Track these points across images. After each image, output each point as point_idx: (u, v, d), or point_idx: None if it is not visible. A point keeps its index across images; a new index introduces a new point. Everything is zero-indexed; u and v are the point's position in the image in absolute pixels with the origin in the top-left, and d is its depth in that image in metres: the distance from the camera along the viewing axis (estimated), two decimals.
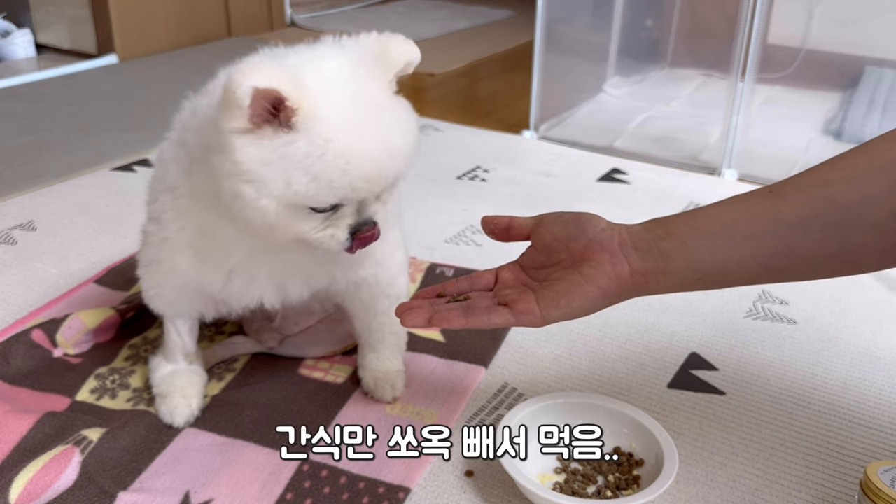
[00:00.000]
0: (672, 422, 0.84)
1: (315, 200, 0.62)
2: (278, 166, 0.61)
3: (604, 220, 0.70)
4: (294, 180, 0.61)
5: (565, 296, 0.66)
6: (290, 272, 0.74)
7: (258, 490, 0.73)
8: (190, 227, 0.71)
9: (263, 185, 0.61)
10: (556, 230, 0.70)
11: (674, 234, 0.67)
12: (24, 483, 0.71)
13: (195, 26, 2.52)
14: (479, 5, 3.15)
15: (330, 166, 0.61)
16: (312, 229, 0.65)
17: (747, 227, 0.65)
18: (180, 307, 0.81)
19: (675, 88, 2.11)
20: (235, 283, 0.73)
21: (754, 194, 0.68)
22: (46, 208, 1.33)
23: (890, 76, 1.87)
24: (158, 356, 0.86)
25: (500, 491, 0.74)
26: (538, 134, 1.78)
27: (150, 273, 0.78)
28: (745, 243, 0.65)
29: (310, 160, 0.60)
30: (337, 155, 0.61)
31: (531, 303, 0.67)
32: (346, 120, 0.62)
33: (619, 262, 0.66)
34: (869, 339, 1.00)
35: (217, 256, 0.72)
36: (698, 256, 0.66)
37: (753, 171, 1.56)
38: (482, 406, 0.86)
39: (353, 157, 0.61)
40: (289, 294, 0.76)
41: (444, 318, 0.68)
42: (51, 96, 1.97)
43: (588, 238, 0.68)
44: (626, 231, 0.69)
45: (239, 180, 0.62)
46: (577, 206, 1.37)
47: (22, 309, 1.03)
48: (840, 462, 0.79)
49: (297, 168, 0.60)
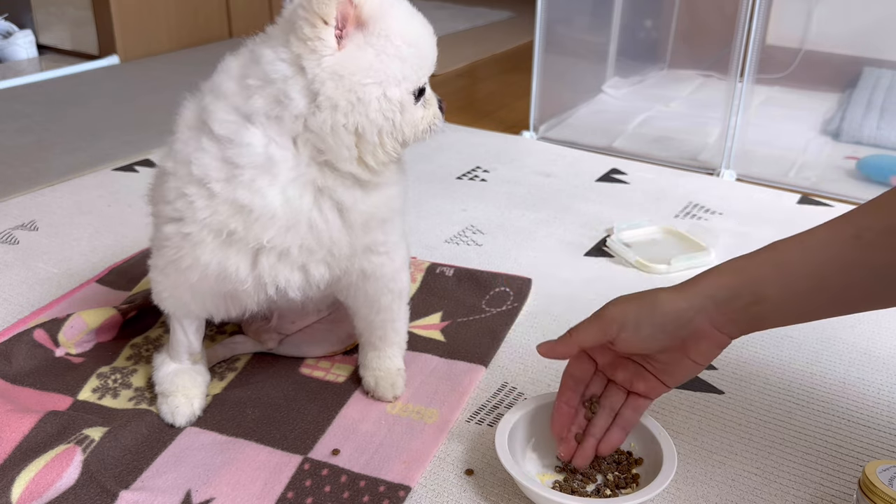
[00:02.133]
0: (671, 421, 0.84)
1: (419, 75, 0.72)
2: (389, 49, 0.69)
3: (683, 303, 0.68)
4: (404, 55, 0.69)
5: (683, 374, 0.72)
6: (319, 244, 0.74)
7: (259, 489, 0.73)
8: (223, 210, 0.71)
9: (386, 74, 0.69)
10: (645, 343, 0.70)
11: (765, 299, 0.66)
12: (25, 482, 0.71)
13: (196, 27, 2.53)
14: (478, 6, 3.15)
15: (416, 36, 0.71)
16: (422, 118, 0.74)
17: (841, 279, 0.65)
18: (194, 307, 0.80)
19: (674, 89, 2.11)
20: (263, 264, 0.73)
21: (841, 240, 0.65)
22: (48, 208, 1.34)
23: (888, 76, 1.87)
24: (163, 354, 0.87)
25: (500, 490, 0.74)
26: (538, 134, 1.78)
27: (166, 275, 0.78)
28: (840, 294, 0.66)
29: (404, 31, 0.70)
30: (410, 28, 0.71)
31: (652, 381, 0.73)
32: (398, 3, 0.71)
33: (721, 338, 0.69)
34: (868, 338, 1.00)
35: (253, 234, 0.71)
36: (795, 312, 0.67)
37: (752, 171, 1.57)
38: (482, 405, 0.86)
39: (419, 25, 0.73)
40: (312, 278, 0.76)
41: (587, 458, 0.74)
42: (52, 97, 1.97)
43: (683, 337, 0.68)
44: (714, 304, 0.67)
45: (361, 87, 0.68)
46: (577, 207, 1.38)
47: (24, 308, 1.03)
48: (839, 461, 0.79)
49: (401, 42, 0.69)
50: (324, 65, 0.67)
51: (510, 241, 1.26)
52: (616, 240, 1.23)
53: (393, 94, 0.69)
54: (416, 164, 1.56)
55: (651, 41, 2.26)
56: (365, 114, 0.69)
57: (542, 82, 1.77)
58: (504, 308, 1.04)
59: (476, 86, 2.24)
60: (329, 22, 0.66)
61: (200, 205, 0.71)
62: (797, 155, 1.68)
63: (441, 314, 1.02)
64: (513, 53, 2.57)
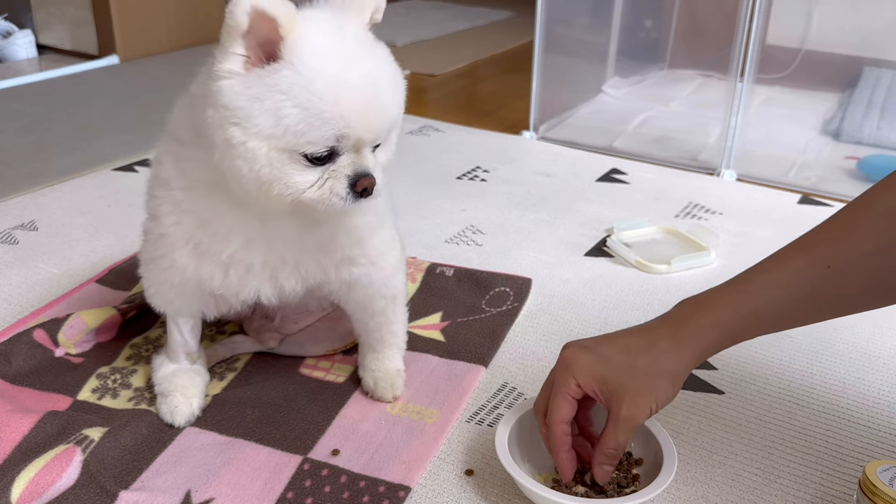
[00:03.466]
0: (671, 421, 0.84)
1: (308, 139, 0.60)
2: (265, 98, 0.59)
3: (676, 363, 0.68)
4: (284, 113, 0.59)
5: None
6: (283, 261, 0.74)
7: (259, 489, 0.73)
8: (186, 221, 0.71)
9: (251, 122, 0.60)
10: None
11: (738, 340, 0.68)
12: (25, 482, 0.71)
13: (196, 27, 2.53)
14: (479, 6, 3.15)
15: (319, 95, 0.59)
16: (309, 186, 0.63)
17: (811, 308, 0.67)
18: (181, 305, 0.81)
19: (674, 89, 2.11)
20: (232, 276, 0.74)
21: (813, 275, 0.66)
22: (48, 208, 1.34)
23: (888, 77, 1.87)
24: (161, 355, 0.87)
25: (499, 490, 0.74)
26: (538, 134, 1.78)
27: (150, 271, 0.79)
28: (809, 317, 0.68)
29: (296, 89, 0.59)
30: (325, 83, 0.59)
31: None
32: (332, 50, 0.61)
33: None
34: (868, 338, 1.00)
35: (215, 248, 0.72)
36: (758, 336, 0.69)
37: (752, 171, 1.57)
38: (482, 405, 0.86)
39: (343, 85, 0.60)
40: (284, 288, 0.76)
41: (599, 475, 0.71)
42: (52, 97, 1.97)
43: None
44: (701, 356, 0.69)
45: (227, 124, 0.60)
46: (577, 207, 1.38)
47: (23, 308, 1.03)
48: (839, 461, 0.79)
49: (287, 99, 0.59)
50: (211, 87, 0.61)
51: (510, 241, 1.26)
52: (616, 240, 1.22)
53: (255, 146, 0.61)
54: (416, 165, 1.56)
55: (651, 41, 2.26)
56: (230, 157, 0.62)
57: (542, 82, 1.77)
58: (504, 308, 1.04)
59: (476, 86, 2.24)
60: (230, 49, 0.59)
61: (166, 209, 0.71)
62: (797, 155, 1.68)
63: (441, 314, 1.02)
64: (513, 53, 2.57)
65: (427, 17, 2.97)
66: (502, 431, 0.74)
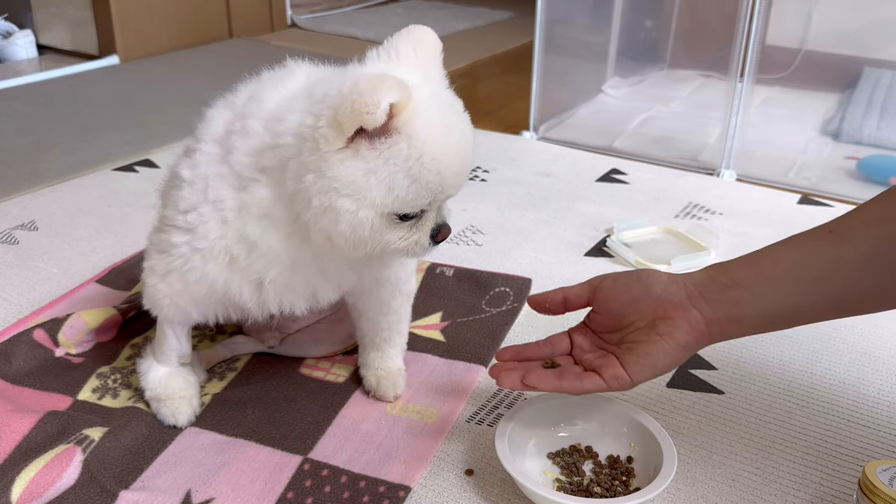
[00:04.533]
0: (671, 421, 0.84)
1: (411, 205, 0.64)
2: (382, 172, 0.62)
3: (664, 274, 0.71)
4: (396, 185, 0.63)
5: (649, 357, 0.68)
6: (326, 278, 0.73)
7: (259, 489, 0.73)
8: (230, 236, 0.70)
9: (364, 195, 0.63)
10: (620, 294, 0.71)
11: (740, 283, 0.68)
12: (25, 482, 0.71)
13: (196, 27, 2.53)
14: (479, 6, 3.15)
15: (426, 167, 0.63)
16: (400, 239, 0.67)
17: (814, 271, 0.66)
18: (196, 315, 0.79)
19: (674, 89, 2.11)
20: (270, 293, 0.72)
21: (816, 235, 0.68)
22: (48, 208, 1.34)
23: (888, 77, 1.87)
24: (148, 359, 0.85)
25: (500, 490, 0.74)
26: (538, 134, 1.78)
27: (169, 283, 0.75)
28: (813, 287, 0.66)
29: (410, 162, 0.62)
30: (432, 156, 0.63)
31: (617, 367, 0.69)
32: (437, 120, 0.64)
33: (693, 315, 0.68)
34: (867, 338, 1.00)
35: (256, 268, 0.71)
36: (768, 303, 0.67)
37: (752, 171, 1.57)
38: (482, 405, 0.86)
39: (445, 156, 0.64)
40: (319, 300, 0.75)
41: (540, 379, 0.70)
42: (52, 97, 1.97)
43: (655, 297, 0.69)
44: (692, 282, 0.69)
45: (336, 195, 0.63)
46: (577, 207, 1.38)
47: (23, 308, 1.03)
48: (838, 461, 0.79)
49: (400, 171, 0.62)
50: (315, 157, 0.62)
51: (510, 241, 1.26)
52: (616, 240, 1.23)
53: (365, 215, 0.64)
54: None
55: (651, 41, 2.26)
56: (334, 222, 0.64)
57: (542, 82, 1.77)
58: (504, 308, 1.04)
59: (476, 86, 2.24)
60: (347, 133, 0.61)
61: (213, 227, 0.70)
62: (797, 155, 1.68)
63: (441, 314, 1.02)
64: (513, 53, 2.57)
65: (427, 17, 2.97)
66: (502, 431, 0.74)
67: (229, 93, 0.73)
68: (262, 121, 0.67)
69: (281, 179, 0.66)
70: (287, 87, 0.68)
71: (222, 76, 0.85)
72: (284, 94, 0.67)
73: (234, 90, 0.73)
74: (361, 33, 2.70)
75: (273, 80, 0.69)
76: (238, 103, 0.70)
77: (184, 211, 0.71)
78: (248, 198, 0.68)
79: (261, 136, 0.66)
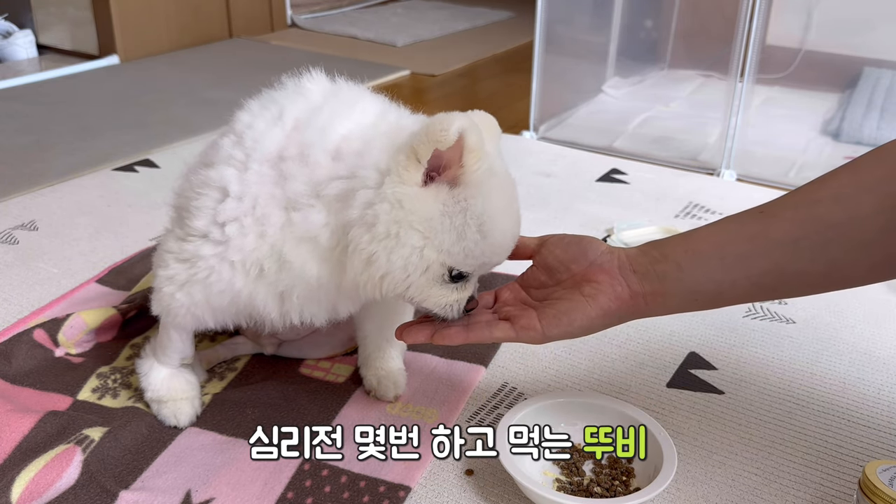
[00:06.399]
0: (671, 421, 0.84)
1: (471, 261, 0.66)
2: (458, 220, 0.64)
3: (604, 244, 0.72)
4: (468, 236, 0.65)
5: (567, 314, 0.68)
6: (348, 295, 0.73)
7: (259, 489, 0.73)
8: (263, 249, 0.69)
9: (436, 235, 0.64)
10: (559, 251, 0.73)
11: (668, 257, 0.69)
12: (25, 482, 0.71)
13: (196, 27, 2.53)
14: (479, 6, 3.16)
15: (496, 227, 0.66)
16: (441, 296, 0.68)
17: (739, 247, 0.67)
18: (210, 323, 0.78)
19: (674, 89, 2.11)
20: (294, 304, 0.72)
21: (746, 215, 0.69)
22: (48, 208, 1.34)
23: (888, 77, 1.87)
24: (149, 359, 0.84)
25: (500, 490, 0.74)
26: (538, 134, 1.78)
27: (189, 294, 0.74)
28: (737, 264, 0.67)
29: (483, 218, 0.65)
30: (499, 219, 0.66)
31: (532, 319, 0.69)
32: (502, 187, 0.67)
33: (619, 283, 0.69)
34: (868, 338, 1.00)
35: (283, 282, 0.70)
36: (693, 278, 0.68)
37: (752, 171, 1.57)
38: (482, 405, 0.86)
39: (507, 223, 0.68)
40: (340, 313, 0.75)
41: (446, 335, 0.70)
42: (52, 97, 1.97)
43: (589, 260, 0.71)
44: (625, 254, 0.71)
45: (408, 227, 0.64)
46: (577, 207, 1.38)
47: (23, 308, 1.03)
48: (839, 461, 0.79)
49: (473, 224, 0.65)
50: (396, 189, 0.64)
51: None
52: (616, 240, 1.22)
53: (428, 255, 0.65)
54: None
55: (651, 41, 2.26)
56: (390, 250, 0.65)
57: (542, 82, 1.77)
58: None
59: (476, 86, 2.24)
60: (422, 161, 0.63)
61: (250, 240, 0.69)
62: (797, 155, 1.68)
63: None
64: (513, 53, 2.57)
65: (427, 17, 2.97)
66: (502, 431, 0.74)
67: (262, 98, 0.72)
68: (327, 153, 0.67)
69: (338, 207, 0.66)
70: (354, 121, 0.68)
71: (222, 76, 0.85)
72: (352, 129, 0.67)
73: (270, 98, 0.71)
74: (361, 33, 2.70)
75: (337, 110, 0.69)
76: (287, 123, 0.69)
77: (222, 223, 0.69)
78: (299, 219, 0.68)
79: (327, 169, 0.67)
